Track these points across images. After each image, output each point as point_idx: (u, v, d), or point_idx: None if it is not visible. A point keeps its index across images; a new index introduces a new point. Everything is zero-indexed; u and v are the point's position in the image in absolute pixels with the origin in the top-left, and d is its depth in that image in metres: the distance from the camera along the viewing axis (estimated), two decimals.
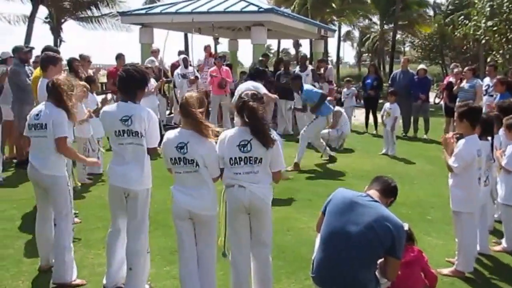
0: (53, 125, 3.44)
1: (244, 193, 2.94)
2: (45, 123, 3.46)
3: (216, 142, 3.00)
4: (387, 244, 2.71)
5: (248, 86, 5.71)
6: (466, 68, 9.90)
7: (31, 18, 17.00)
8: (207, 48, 11.27)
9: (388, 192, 2.97)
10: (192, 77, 9.53)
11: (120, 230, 3.34)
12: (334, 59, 40.30)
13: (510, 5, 12.62)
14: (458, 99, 8.64)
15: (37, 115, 3.53)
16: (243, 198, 2.95)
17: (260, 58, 11.23)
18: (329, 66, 13.03)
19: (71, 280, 3.50)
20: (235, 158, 2.94)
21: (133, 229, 3.26)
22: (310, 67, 9.73)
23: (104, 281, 3.41)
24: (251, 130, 2.92)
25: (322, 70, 11.60)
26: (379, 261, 2.88)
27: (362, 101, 12.40)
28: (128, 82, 3.18)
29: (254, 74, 7.12)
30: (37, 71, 5.57)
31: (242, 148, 2.93)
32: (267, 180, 3.02)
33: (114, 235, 3.37)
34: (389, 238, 2.70)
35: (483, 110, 6.05)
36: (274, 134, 2.99)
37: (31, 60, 7.42)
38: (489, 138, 4.07)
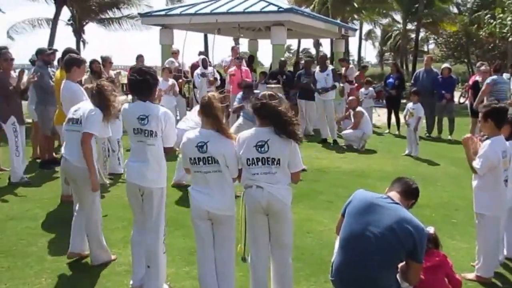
0: (85, 120, 3.60)
1: (262, 193, 2.92)
2: (80, 119, 3.64)
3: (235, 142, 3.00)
4: (408, 247, 2.65)
5: None
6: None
7: (54, 20, 17.33)
8: (234, 49, 11.26)
9: (409, 194, 2.89)
10: (211, 78, 9.54)
11: (140, 228, 3.38)
12: (356, 59, 39.90)
13: None
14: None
15: (76, 110, 3.75)
16: (261, 199, 2.93)
17: (282, 59, 11.17)
18: (351, 65, 12.88)
19: (108, 259, 3.88)
20: (252, 158, 2.93)
21: (150, 228, 3.30)
22: (330, 67, 9.61)
23: (131, 282, 3.44)
24: (276, 130, 2.89)
25: (343, 70, 11.46)
26: (400, 264, 2.81)
27: (384, 101, 12.23)
28: (141, 82, 3.23)
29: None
30: (58, 73, 5.64)
31: (259, 149, 2.92)
32: (285, 181, 2.99)
33: (137, 233, 3.41)
34: (410, 241, 2.63)
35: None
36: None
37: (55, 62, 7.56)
38: None
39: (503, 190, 3.66)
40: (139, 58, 9.94)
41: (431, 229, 3.09)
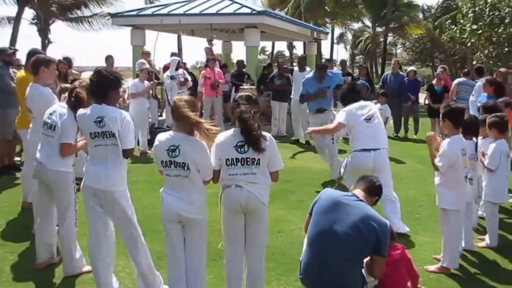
0: (61, 129, 3.54)
1: (241, 192, 2.93)
2: (54, 125, 3.56)
3: (210, 144, 2.97)
4: (372, 243, 2.75)
5: None
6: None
7: (16, 20, 16.79)
8: (206, 50, 11.21)
9: (373, 191, 3.01)
10: (182, 79, 9.45)
11: (98, 232, 3.25)
12: None
13: (491, 12, 12.90)
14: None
15: (51, 114, 3.64)
16: (240, 198, 2.93)
17: (240, 59, 11.51)
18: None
19: (81, 270, 3.71)
20: (232, 159, 2.92)
21: (128, 236, 3.25)
22: (308, 69, 9.71)
23: None
24: (242, 134, 2.91)
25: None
26: (365, 259, 2.91)
27: None
28: (100, 84, 3.16)
29: None
30: (21, 73, 5.29)
31: (239, 149, 2.91)
32: (264, 181, 3.00)
33: (94, 243, 3.27)
34: (374, 237, 2.74)
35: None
36: (268, 138, 2.97)
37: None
38: (474, 138, 4.15)
39: (463, 185, 3.85)
40: (108, 59, 9.74)
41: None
